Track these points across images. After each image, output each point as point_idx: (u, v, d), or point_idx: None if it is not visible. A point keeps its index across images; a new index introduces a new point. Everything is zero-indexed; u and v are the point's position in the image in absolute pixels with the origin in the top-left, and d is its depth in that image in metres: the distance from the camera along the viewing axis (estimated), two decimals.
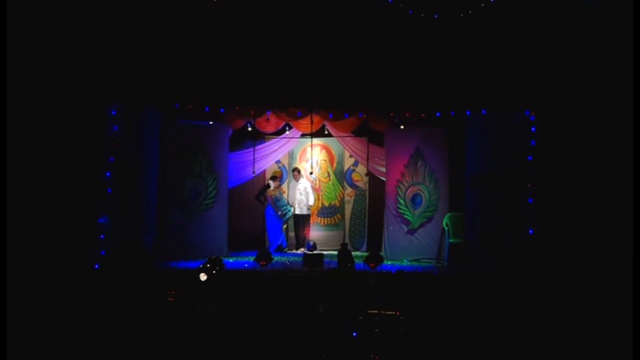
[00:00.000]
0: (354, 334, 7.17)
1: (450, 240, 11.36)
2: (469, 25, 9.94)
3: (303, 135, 12.78)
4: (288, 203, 12.82)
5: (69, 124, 9.45)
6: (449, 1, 9.89)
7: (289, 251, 12.80)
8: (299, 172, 12.92)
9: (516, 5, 9.74)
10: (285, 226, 12.93)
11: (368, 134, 12.65)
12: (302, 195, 12.76)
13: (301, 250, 12.43)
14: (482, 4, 9.75)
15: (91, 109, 9.73)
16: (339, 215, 13.48)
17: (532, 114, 10.29)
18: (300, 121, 11.92)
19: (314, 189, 13.20)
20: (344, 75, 10.28)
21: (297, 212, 12.82)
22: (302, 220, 12.90)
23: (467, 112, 10.69)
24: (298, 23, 9.99)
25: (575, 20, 9.49)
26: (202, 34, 10.04)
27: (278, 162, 13.36)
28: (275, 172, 13.24)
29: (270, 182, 12.82)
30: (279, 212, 12.69)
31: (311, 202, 12.90)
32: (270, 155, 12.93)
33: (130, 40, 9.85)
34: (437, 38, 10.11)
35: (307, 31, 10.04)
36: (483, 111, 10.57)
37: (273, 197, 12.70)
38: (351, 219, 13.44)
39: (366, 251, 12.66)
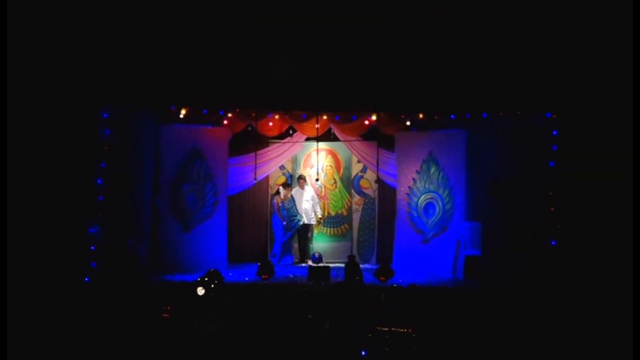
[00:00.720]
0: (363, 352, 7.16)
1: (467, 252, 11.32)
2: (485, 23, 9.94)
3: (308, 139, 12.75)
4: (298, 213, 12.72)
5: (58, 127, 9.46)
6: None
7: (295, 265, 12.75)
8: (304, 179, 12.92)
9: (536, 3, 9.73)
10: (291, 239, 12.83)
11: (378, 137, 12.58)
12: (308, 204, 12.77)
13: (307, 263, 12.40)
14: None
15: (81, 111, 9.74)
16: (346, 225, 13.45)
17: (554, 116, 10.28)
18: (304, 124, 11.91)
19: (319, 197, 13.18)
20: (352, 75, 10.29)
21: (306, 221, 12.82)
22: (307, 231, 12.90)
23: (484, 114, 10.68)
24: (302, 21, 10.01)
25: (598, 18, 9.48)
26: (201, 31, 10.07)
27: (282, 167, 13.35)
28: (283, 178, 13.23)
29: (281, 188, 12.70)
30: (284, 222, 12.61)
31: (320, 213, 12.92)
32: (273, 161, 12.89)
33: (123, 38, 9.87)
34: (452, 36, 10.13)
35: (312, 29, 10.05)
36: (501, 113, 10.55)
37: (280, 204, 12.60)
38: (359, 229, 13.39)
39: (376, 264, 12.64)
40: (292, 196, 12.73)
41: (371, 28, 10.14)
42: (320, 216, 12.92)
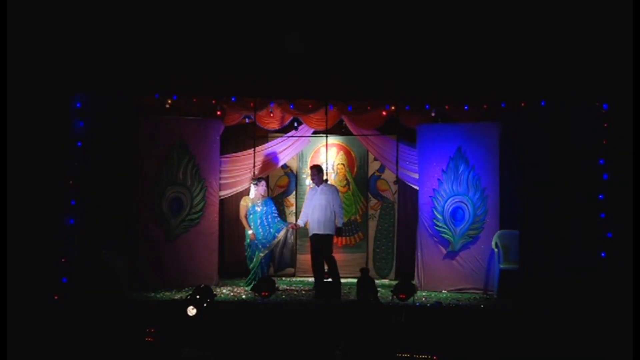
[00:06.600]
0: None
1: (501, 266, 11.39)
2: None
3: (315, 133, 12.89)
4: (280, 222, 12.08)
5: (23, 119, 9.46)
6: None
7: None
8: (321, 172, 11.65)
9: None
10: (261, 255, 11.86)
11: (397, 131, 12.58)
12: (326, 209, 11.40)
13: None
14: None
15: (51, 101, 9.78)
16: (360, 234, 13.58)
17: (605, 105, 10.36)
18: (312, 115, 12.03)
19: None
20: (367, 57, 10.36)
21: (315, 231, 11.37)
22: (322, 244, 11.42)
23: (522, 104, 10.76)
24: None
25: None
26: (189, 3, 10.18)
27: (285, 167, 13.48)
28: (286, 179, 13.32)
29: (252, 186, 12.08)
30: (250, 233, 11.81)
31: (341, 222, 11.47)
32: (274, 158, 12.99)
33: (97, 15, 9.96)
34: (483, 9, 10.19)
35: (319, 4, 10.14)
36: (542, 102, 10.63)
37: (248, 209, 11.91)
38: (376, 238, 13.53)
39: (394, 279, 12.79)
40: (267, 199, 12.18)
41: (389, 3, 10.24)
42: (340, 225, 11.50)
